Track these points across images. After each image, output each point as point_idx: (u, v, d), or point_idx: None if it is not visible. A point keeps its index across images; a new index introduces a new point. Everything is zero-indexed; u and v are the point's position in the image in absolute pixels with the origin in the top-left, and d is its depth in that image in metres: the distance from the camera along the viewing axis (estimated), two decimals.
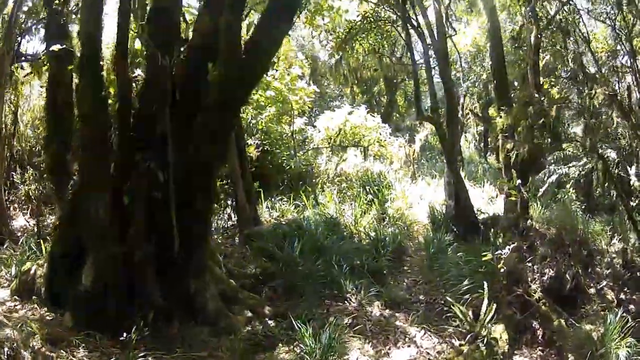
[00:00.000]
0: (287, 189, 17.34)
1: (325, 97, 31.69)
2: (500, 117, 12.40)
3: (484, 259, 9.30)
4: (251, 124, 17.34)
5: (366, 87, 34.58)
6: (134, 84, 8.39)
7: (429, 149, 31.43)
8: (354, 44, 16.93)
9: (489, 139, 34.09)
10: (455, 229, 13.08)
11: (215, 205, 13.16)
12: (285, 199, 15.52)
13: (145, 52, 8.12)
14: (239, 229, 13.46)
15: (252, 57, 7.62)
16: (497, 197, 19.09)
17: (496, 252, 9.23)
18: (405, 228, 13.96)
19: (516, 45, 16.16)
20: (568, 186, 16.65)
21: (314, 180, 18.72)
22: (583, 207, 15.17)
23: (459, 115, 30.69)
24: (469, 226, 13.07)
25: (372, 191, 15.41)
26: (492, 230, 12.32)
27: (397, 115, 36.42)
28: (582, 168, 14.89)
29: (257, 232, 12.48)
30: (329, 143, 17.36)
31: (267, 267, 10.20)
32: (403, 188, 15.89)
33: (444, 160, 14.17)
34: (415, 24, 14.17)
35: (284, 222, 13.43)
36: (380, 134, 17.81)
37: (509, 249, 9.11)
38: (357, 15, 15.72)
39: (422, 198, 16.90)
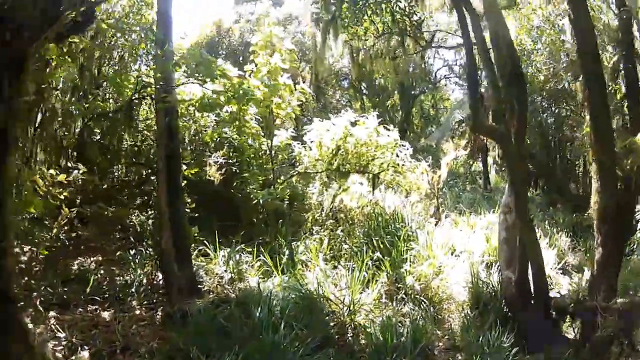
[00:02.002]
0: (261, 229, 12.21)
1: (329, 108, 26.45)
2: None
3: None
4: (215, 138, 12.23)
5: (378, 100, 29.39)
6: None
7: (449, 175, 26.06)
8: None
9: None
10: (515, 319, 7.91)
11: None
12: (252, 249, 10.40)
13: None
14: (167, 299, 8.40)
15: None
16: (568, 250, 14.52)
17: None
18: (432, 309, 8.75)
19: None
20: None
21: (302, 217, 13.57)
22: None
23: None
24: (541, 322, 7.83)
25: (382, 243, 10.15)
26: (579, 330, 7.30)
27: (413, 133, 31.28)
28: None
29: (183, 314, 7.53)
30: (323, 166, 12.05)
31: None
32: (428, 237, 10.57)
33: (510, 196, 8.78)
34: None
35: (232, 295, 8.37)
36: (398, 155, 12.38)
37: None
38: None
39: (454, 251, 11.59)
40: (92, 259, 10.05)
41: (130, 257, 9.87)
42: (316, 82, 25.42)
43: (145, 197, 11.68)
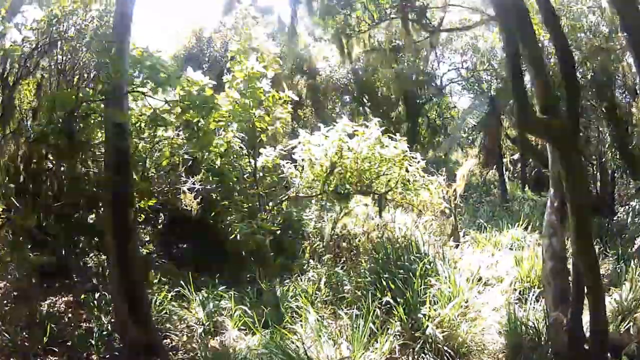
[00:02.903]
0: (251, 266, 10.39)
1: (329, 122, 24.49)
2: None
3: None
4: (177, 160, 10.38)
5: (382, 111, 27.49)
6: None
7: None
8: None
9: (527, 168, 27.88)
10: None
11: None
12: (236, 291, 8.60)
13: None
14: None
15: None
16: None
17: None
18: None
19: None
20: None
21: (299, 247, 11.74)
22: None
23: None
24: None
25: (393, 282, 8.16)
26: None
27: (420, 145, 29.36)
28: None
29: None
30: (318, 188, 10.09)
31: None
32: (449, 268, 8.59)
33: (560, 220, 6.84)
34: None
35: (201, 357, 6.63)
36: (408, 170, 10.28)
37: None
38: None
39: (480, 280, 9.65)
40: (63, 299, 8.83)
41: (94, 302, 8.34)
42: (312, 94, 23.65)
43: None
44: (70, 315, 8.33)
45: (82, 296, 8.64)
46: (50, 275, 9.05)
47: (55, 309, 8.38)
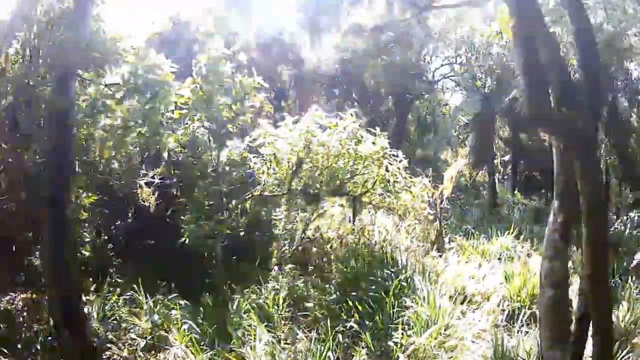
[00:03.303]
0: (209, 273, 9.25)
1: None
2: None
3: None
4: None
5: (370, 106, 26.30)
6: None
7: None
8: None
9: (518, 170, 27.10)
10: None
11: None
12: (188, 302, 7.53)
13: None
14: None
15: None
16: None
17: None
18: None
19: None
20: None
21: (269, 251, 10.60)
22: None
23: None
24: None
25: (363, 301, 6.99)
26: None
27: (408, 142, 28.25)
28: None
29: None
30: (280, 187, 8.85)
31: None
32: (429, 285, 7.43)
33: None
34: None
35: None
36: (388, 169, 9.01)
37: None
38: None
39: (464, 297, 8.53)
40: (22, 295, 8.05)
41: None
42: (297, 85, 22.44)
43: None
44: (25, 314, 7.61)
45: (33, 295, 7.86)
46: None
47: (14, 306, 7.70)
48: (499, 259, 12.13)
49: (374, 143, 7.96)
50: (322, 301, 7.61)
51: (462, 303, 8.47)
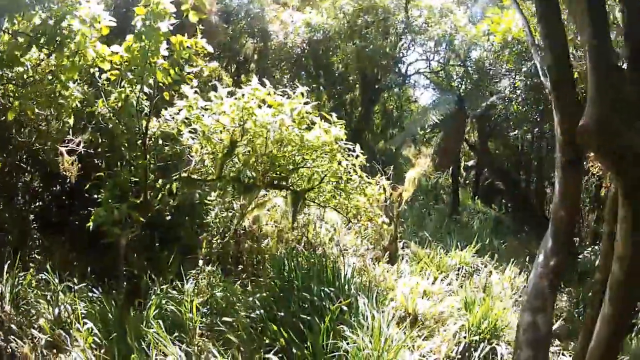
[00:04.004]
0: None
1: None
2: None
3: None
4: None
5: (336, 92, 24.79)
6: None
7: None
8: None
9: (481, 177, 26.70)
10: None
11: None
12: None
13: None
14: None
15: None
16: None
17: None
18: None
19: None
20: None
21: (198, 240, 9.15)
22: None
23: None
24: None
25: (290, 325, 5.56)
26: None
27: (371, 134, 26.96)
28: None
29: None
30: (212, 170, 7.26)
31: None
32: (374, 306, 6.05)
33: None
34: None
35: None
36: (340, 163, 7.40)
37: None
38: None
39: (415, 320, 7.24)
40: None
41: None
42: (260, 61, 20.79)
43: None
44: None
45: None
46: None
47: None
48: (457, 273, 10.95)
49: (326, 132, 6.42)
50: (243, 317, 6.14)
51: (412, 326, 7.21)
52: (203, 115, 6.62)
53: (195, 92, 6.55)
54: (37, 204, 9.57)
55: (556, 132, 5.47)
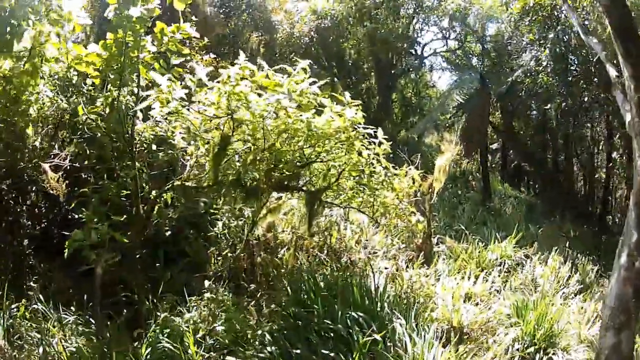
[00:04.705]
0: None
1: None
2: None
3: None
4: None
5: (351, 81, 23.56)
6: None
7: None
8: None
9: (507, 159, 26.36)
10: None
11: None
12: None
13: None
14: None
15: None
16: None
17: None
18: None
19: None
20: None
21: (206, 255, 8.07)
22: None
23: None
24: None
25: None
26: None
27: (391, 124, 25.69)
28: None
29: None
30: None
31: None
32: (413, 329, 4.90)
33: None
34: None
35: None
36: (362, 154, 5.97)
37: None
38: None
39: (459, 332, 6.08)
40: None
41: None
42: (267, 54, 19.61)
43: None
44: None
45: None
46: None
47: None
48: (499, 270, 9.79)
49: (340, 115, 5.14)
50: (252, 357, 4.98)
51: (458, 342, 6.03)
52: (187, 108, 5.46)
53: (170, 79, 5.36)
54: (36, 226, 8.62)
55: (628, 90, 4.37)
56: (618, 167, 19.17)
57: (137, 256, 6.55)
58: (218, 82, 5.07)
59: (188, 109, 5.73)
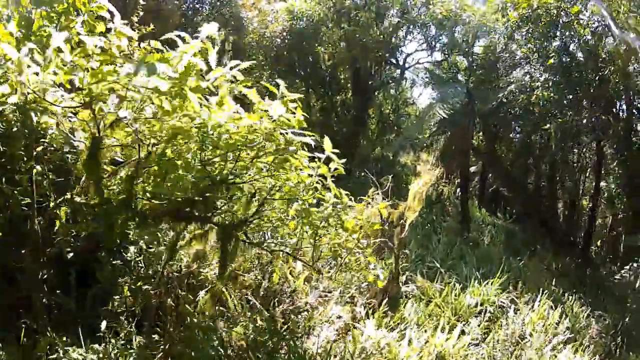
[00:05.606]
0: None
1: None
2: None
3: None
4: None
5: (324, 91, 21.91)
6: None
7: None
8: None
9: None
10: None
11: None
12: None
13: None
14: None
15: None
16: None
17: None
18: None
19: None
20: None
21: (114, 285, 6.23)
22: None
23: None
24: None
25: None
26: None
27: (367, 141, 24.18)
28: None
29: None
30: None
31: None
32: None
33: None
34: None
35: None
36: (301, 169, 4.24)
37: None
38: None
39: None
40: None
41: None
42: (235, 54, 17.86)
43: None
44: None
45: None
46: None
47: None
48: (479, 320, 8.19)
49: (266, 111, 3.35)
50: None
51: None
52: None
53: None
54: None
55: None
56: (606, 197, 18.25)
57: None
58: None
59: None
